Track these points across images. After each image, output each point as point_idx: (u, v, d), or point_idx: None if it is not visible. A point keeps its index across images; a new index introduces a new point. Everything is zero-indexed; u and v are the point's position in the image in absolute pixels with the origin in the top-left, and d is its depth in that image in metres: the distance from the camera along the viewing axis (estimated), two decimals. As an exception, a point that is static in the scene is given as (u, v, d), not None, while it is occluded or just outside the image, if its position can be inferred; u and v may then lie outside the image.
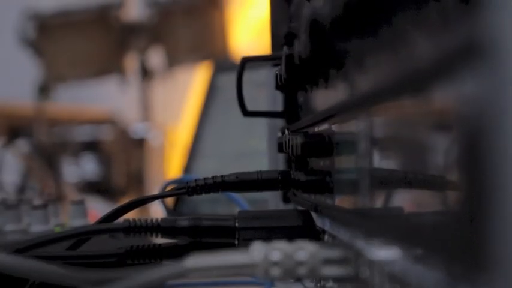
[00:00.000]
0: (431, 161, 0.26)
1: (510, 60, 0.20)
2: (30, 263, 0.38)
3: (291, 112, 0.57)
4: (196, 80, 2.51)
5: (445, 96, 0.24)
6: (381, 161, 0.33)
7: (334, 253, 0.36)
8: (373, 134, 0.33)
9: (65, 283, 0.38)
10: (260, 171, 0.52)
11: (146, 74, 2.48)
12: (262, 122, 0.67)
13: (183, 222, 0.47)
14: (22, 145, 2.26)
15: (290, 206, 0.60)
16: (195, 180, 0.52)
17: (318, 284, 0.46)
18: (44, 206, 0.64)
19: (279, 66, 0.54)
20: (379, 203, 0.33)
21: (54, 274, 0.38)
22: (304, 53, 0.44)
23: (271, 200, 0.65)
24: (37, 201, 0.68)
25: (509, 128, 0.20)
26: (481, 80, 0.21)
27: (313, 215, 0.49)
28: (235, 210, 0.50)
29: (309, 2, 0.45)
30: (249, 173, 0.52)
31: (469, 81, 0.22)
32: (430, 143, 0.26)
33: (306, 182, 0.48)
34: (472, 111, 0.21)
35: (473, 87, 0.21)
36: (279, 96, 0.62)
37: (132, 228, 0.46)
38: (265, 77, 0.66)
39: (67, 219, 0.66)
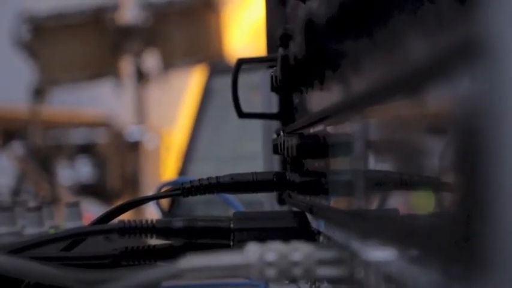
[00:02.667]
0: (427, 162, 0.26)
1: (506, 59, 0.20)
2: (25, 263, 0.38)
3: (286, 114, 0.57)
4: (191, 83, 2.51)
5: (441, 97, 0.24)
6: (376, 162, 0.33)
7: (329, 254, 0.36)
8: (368, 135, 0.33)
9: (60, 283, 0.38)
10: (255, 173, 0.52)
11: (141, 77, 2.48)
12: (258, 124, 0.67)
13: (178, 223, 0.47)
14: (17, 148, 2.26)
15: (285, 208, 0.60)
16: (190, 181, 0.52)
17: (313, 286, 0.46)
18: (39, 208, 0.64)
19: (275, 68, 0.54)
20: (374, 204, 0.33)
21: (49, 275, 0.38)
22: (300, 54, 0.44)
23: (266, 202, 0.65)
24: (32, 204, 0.68)
25: (506, 128, 0.20)
26: (476, 80, 0.21)
27: (308, 216, 0.49)
28: (230, 213, 0.50)
29: (304, 3, 0.45)
30: (244, 174, 0.52)
31: (464, 81, 0.22)
32: (426, 144, 0.26)
33: (301, 183, 0.48)
34: (468, 111, 0.21)
35: (468, 88, 0.21)
36: (274, 98, 0.62)
37: (127, 229, 0.46)
38: (260, 79, 0.66)
39: (62, 221, 0.66)
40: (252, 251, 0.35)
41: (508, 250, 0.20)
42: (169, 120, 2.81)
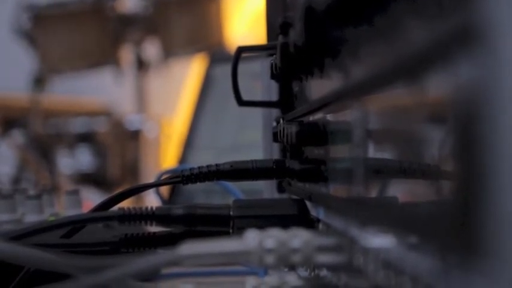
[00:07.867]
0: (426, 149, 0.26)
1: (505, 45, 0.20)
2: (25, 250, 0.38)
3: (286, 101, 0.57)
4: (191, 72, 2.51)
5: (441, 84, 0.24)
6: (375, 150, 0.33)
7: (328, 241, 0.36)
8: (367, 123, 0.33)
9: (60, 270, 0.38)
10: (255, 160, 0.52)
11: (142, 65, 2.48)
12: (258, 113, 0.67)
13: (178, 210, 0.47)
14: (17, 137, 2.26)
15: (285, 196, 0.60)
16: (190, 169, 0.52)
17: (312, 273, 0.46)
18: (39, 196, 0.64)
19: (274, 56, 0.54)
20: (373, 191, 0.33)
21: (49, 261, 0.38)
22: (299, 42, 0.44)
23: (265, 191, 0.65)
24: (32, 192, 0.68)
25: (504, 115, 0.20)
26: (475, 67, 0.21)
27: (308, 204, 0.49)
28: (230, 201, 0.50)
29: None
30: (243, 161, 0.52)
31: (463, 68, 0.22)
32: (425, 132, 0.26)
33: (300, 171, 0.48)
34: (467, 98, 0.21)
35: (467, 74, 0.21)
36: (274, 86, 0.62)
37: (127, 217, 0.46)
38: (260, 67, 0.66)
39: (62, 209, 0.66)
40: (252, 238, 0.36)
41: (505, 236, 0.20)
42: (170, 109, 2.81)
